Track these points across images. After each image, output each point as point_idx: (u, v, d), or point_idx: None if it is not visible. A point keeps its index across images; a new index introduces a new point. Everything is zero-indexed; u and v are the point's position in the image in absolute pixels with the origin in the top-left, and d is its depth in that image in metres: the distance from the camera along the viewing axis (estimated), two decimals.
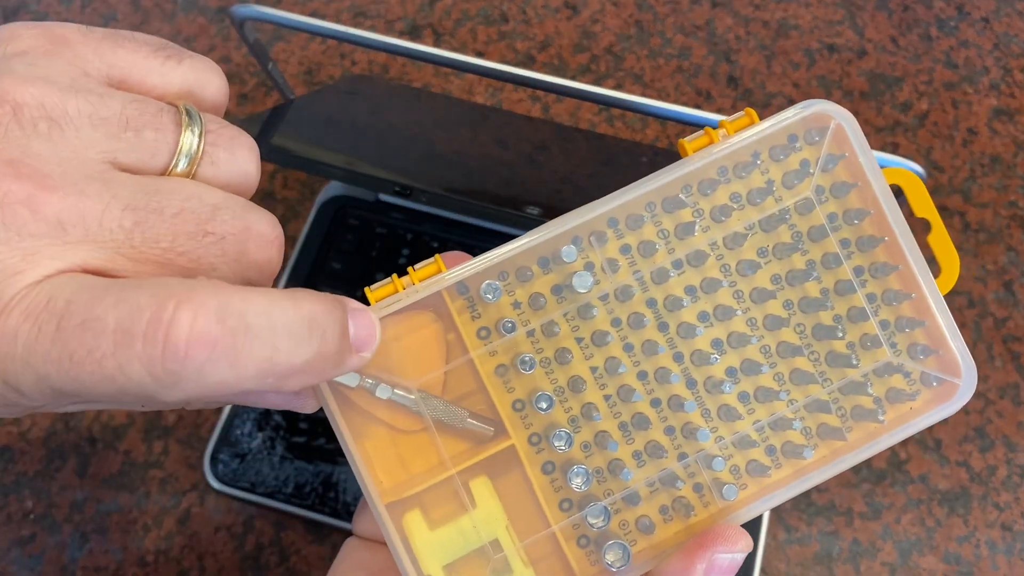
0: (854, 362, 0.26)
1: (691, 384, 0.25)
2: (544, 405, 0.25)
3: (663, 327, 0.26)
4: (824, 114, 0.27)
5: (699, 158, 0.26)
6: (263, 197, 0.53)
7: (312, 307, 0.20)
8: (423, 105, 0.53)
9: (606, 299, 0.26)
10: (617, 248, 0.26)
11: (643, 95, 0.58)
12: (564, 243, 0.25)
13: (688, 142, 0.27)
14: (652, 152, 0.51)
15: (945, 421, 0.47)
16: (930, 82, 0.57)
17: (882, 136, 0.55)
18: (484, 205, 0.39)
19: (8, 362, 0.19)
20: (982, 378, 0.48)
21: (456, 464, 0.24)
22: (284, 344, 0.19)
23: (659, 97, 0.57)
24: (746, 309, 0.26)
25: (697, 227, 0.26)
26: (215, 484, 0.44)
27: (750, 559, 0.41)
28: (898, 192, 0.28)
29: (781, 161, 0.26)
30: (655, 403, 0.25)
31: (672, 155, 0.52)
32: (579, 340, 0.25)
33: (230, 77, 0.57)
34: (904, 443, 0.46)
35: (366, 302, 0.24)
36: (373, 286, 0.25)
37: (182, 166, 0.21)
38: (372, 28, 0.59)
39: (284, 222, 0.52)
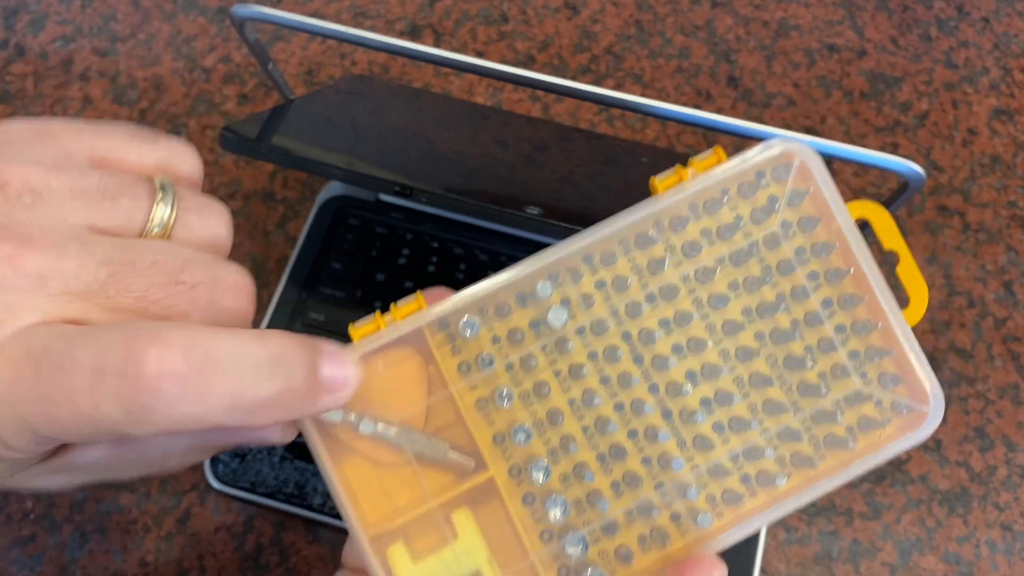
0: (824, 392, 0.26)
1: (666, 415, 0.26)
2: (522, 437, 0.25)
3: (638, 359, 0.26)
4: (789, 151, 0.27)
5: (669, 196, 0.27)
6: (264, 196, 0.53)
7: (279, 344, 0.21)
8: (423, 105, 0.53)
9: (582, 333, 0.27)
10: (592, 283, 0.27)
11: (643, 95, 0.58)
12: (540, 279, 0.26)
13: (659, 180, 0.28)
14: (652, 152, 0.51)
15: (945, 422, 0.47)
16: (930, 82, 0.57)
17: (882, 136, 0.55)
18: (484, 205, 0.39)
19: None
20: (982, 378, 0.48)
21: (438, 496, 0.25)
22: (249, 379, 0.20)
23: (659, 97, 0.57)
24: (718, 341, 0.27)
25: (668, 262, 0.27)
26: (215, 484, 0.44)
27: (750, 559, 0.41)
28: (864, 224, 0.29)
29: (749, 197, 0.27)
30: (631, 434, 0.26)
31: (672, 155, 0.52)
32: (556, 373, 0.26)
33: (230, 77, 0.57)
34: None
35: (354, 324, 0.26)
36: (356, 323, 0.26)
37: (156, 230, 0.24)
38: (372, 28, 0.59)
39: (284, 222, 0.52)
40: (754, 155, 0.27)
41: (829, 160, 0.58)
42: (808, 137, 0.36)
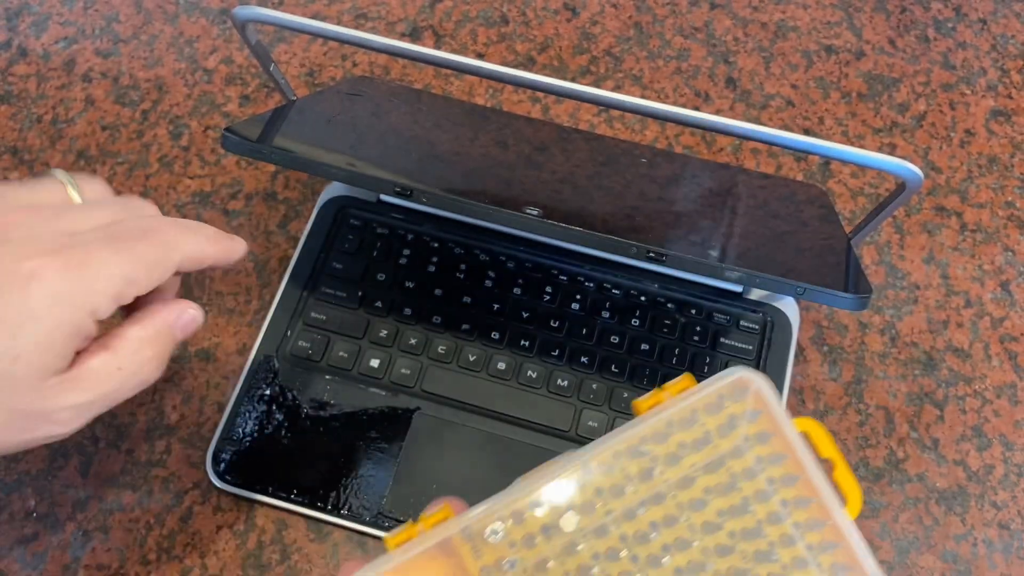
0: None
1: None
2: None
3: (634, 559, 0.31)
4: (744, 379, 0.33)
5: (651, 415, 0.33)
6: (266, 197, 0.53)
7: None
8: (424, 106, 0.53)
9: (587, 535, 0.31)
10: (593, 491, 0.32)
11: (642, 96, 0.58)
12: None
13: (641, 402, 0.33)
14: (651, 153, 0.51)
15: (942, 420, 0.47)
16: (928, 83, 0.57)
17: (880, 137, 0.55)
18: (484, 205, 0.39)
19: None
20: (980, 377, 0.48)
21: None
22: None
23: (658, 98, 0.57)
24: (700, 539, 0.32)
25: (655, 471, 0.32)
26: (217, 483, 0.44)
27: None
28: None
29: (715, 415, 0.33)
30: None
31: (671, 156, 0.52)
32: (566, 574, 0.31)
33: (232, 79, 0.58)
34: (901, 442, 0.46)
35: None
36: (391, 532, 0.30)
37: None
38: (373, 30, 0.59)
39: (286, 222, 0.52)
40: (716, 382, 0.33)
41: (828, 161, 0.58)
42: (807, 139, 0.36)
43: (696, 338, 0.47)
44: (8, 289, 0.28)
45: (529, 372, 0.46)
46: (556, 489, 0.32)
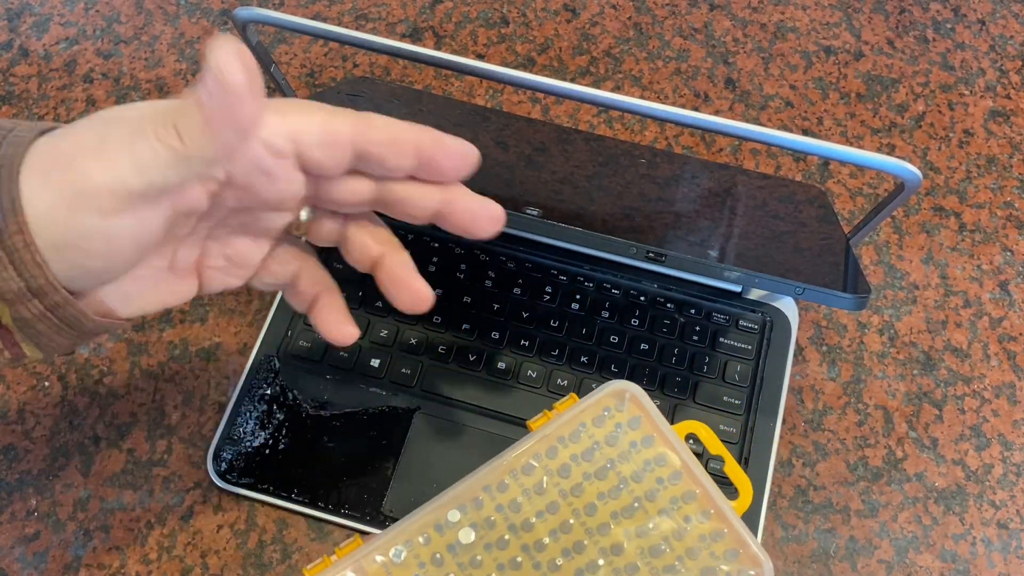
0: (682, 571, 0.34)
1: None
2: None
3: (536, 566, 0.34)
4: (620, 389, 0.36)
5: (540, 432, 0.36)
6: None
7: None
8: (424, 107, 0.53)
9: (489, 549, 0.34)
10: (493, 508, 0.35)
11: (642, 97, 0.58)
12: (451, 509, 0.35)
13: (532, 422, 0.36)
14: (651, 153, 0.52)
15: (941, 419, 0.47)
16: (926, 84, 0.58)
17: (878, 138, 0.56)
18: None
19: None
20: (978, 377, 0.48)
21: None
22: None
23: (657, 99, 0.57)
24: (596, 542, 0.34)
25: (547, 483, 0.35)
26: (218, 482, 0.44)
27: None
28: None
29: (601, 426, 0.36)
30: None
31: (671, 156, 0.52)
32: None
33: None
34: (900, 442, 0.47)
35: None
36: (309, 566, 0.34)
37: None
38: (374, 31, 0.60)
39: None
40: (597, 394, 0.36)
41: (827, 161, 0.58)
42: (806, 139, 0.36)
43: (695, 338, 0.47)
44: None
45: (529, 372, 0.46)
46: (457, 508, 0.35)
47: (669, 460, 0.35)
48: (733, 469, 0.37)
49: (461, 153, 0.29)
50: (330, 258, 0.50)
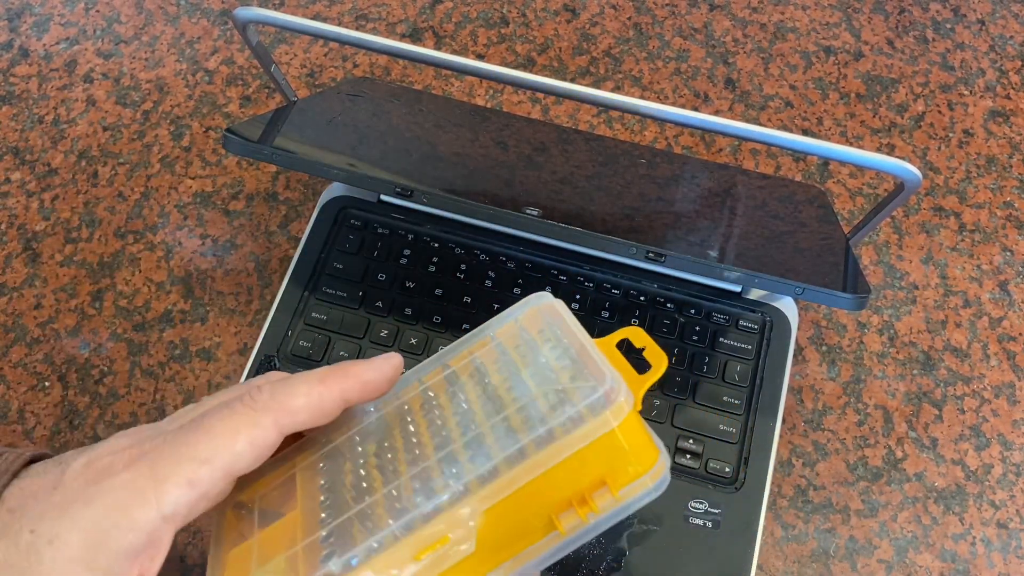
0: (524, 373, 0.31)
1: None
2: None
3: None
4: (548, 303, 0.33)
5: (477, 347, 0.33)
6: (267, 197, 0.53)
7: None
8: (424, 107, 0.53)
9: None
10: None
11: (642, 97, 0.58)
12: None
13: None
14: (650, 153, 0.52)
15: (940, 419, 0.47)
16: (926, 84, 0.58)
17: (878, 138, 0.56)
18: (484, 206, 0.39)
19: None
20: (978, 377, 0.48)
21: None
22: None
23: (657, 99, 0.57)
24: (483, 412, 0.31)
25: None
26: None
27: (747, 556, 0.41)
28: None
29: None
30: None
31: (670, 156, 0.52)
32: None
33: (233, 79, 0.58)
34: (900, 441, 0.47)
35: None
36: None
37: None
38: (374, 31, 0.60)
39: (287, 222, 0.53)
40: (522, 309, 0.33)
41: (827, 161, 0.58)
42: (805, 139, 0.36)
43: (695, 338, 0.47)
44: None
45: None
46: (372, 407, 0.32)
47: (574, 347, 0.31)
48: (652, 352, 0.33)
49: (388, 379, 0.30)
50: (330, 257, 0.50)
